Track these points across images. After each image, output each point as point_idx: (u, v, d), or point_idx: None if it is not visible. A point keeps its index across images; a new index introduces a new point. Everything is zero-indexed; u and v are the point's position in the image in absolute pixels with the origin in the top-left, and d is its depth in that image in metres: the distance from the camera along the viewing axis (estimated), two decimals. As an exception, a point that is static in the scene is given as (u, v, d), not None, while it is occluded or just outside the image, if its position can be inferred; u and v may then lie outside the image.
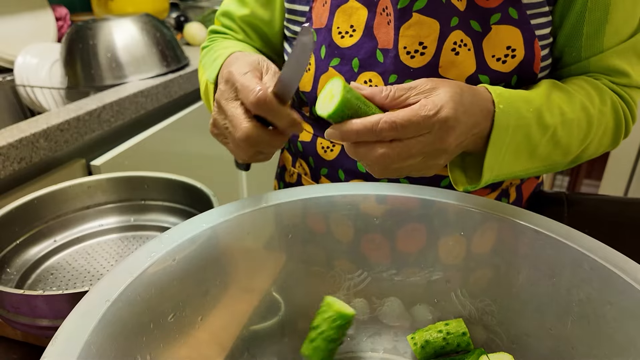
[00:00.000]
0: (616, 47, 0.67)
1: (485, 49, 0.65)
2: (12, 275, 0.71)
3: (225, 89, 0.58)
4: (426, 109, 0.49)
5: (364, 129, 0.49)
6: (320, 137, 0.78)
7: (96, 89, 1.43)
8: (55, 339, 0.39)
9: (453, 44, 0.65)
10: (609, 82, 0.68)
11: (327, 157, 0.78)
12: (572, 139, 0.63)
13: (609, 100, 0.67)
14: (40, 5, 1.68)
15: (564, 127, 0.61)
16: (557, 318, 0.53)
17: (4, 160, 0.96)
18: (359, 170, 0.75)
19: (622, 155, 1.77)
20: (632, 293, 0.46)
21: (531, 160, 0.62)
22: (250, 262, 0.60)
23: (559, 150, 0.63)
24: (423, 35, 0.65)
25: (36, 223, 0.77)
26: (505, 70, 0.66)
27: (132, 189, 0.84)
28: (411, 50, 0.66)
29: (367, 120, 0.49)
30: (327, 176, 0.79)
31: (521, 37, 0.64)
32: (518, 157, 0.60)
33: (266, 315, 0.61)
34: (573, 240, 0.52)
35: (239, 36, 0.84)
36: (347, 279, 0.63)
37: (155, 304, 0.48)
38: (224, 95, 0.58)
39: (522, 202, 0.81)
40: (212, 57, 0.74)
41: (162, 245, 0.51)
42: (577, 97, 0.64)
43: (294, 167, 0.86)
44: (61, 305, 0.56)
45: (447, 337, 0.58)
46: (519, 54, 0.65)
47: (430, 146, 0.51)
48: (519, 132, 0.58)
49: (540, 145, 0.60)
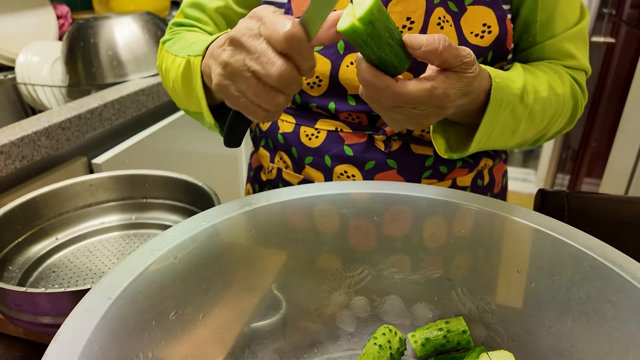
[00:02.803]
0: (566, 32, 0.74)
1: (464, 26, 0.70)
2: (14, 272, 0.71)
3: (248, 24, 0.50)
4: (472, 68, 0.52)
5: (421, 94, 0.50)
6: (303, 125, 0.78)
7: (97, 87, 1.43)
8: (57, 336, 0.39)
9: (438, 18, 0.69)
10: (563, 67, 0.74)
11: (312, 145, 0.78)
12: (545, 116, 0.69)
13: (568, 82, 0.73)
14: (41, 3, 1.68)
15: (539, 105, 0.66)
16: (557, 316, 0.53)
17: (5, 159, 0.96)
18: (346, 154, 0.76)
19: (623, 154, 1.77)
20: (631, 291, 0.46)
21: (513, 135, 0.66)
22: (251, 260, 0.61)
23: (534, 126, 0.68)
24: (410, 10, 0.68)
25: (38, 221, 0.77)
26: (484, 45, 0.70)
27: (134, 187, 0.84)
28: (399, 26, 0.69)
29: (409, 89, 0.50)
30: (312, 164, 0.79)
31: (494, 15, 0.70)
32: (504, 131, 0.64)
33: (267, 313, 0.61)
34: (573, 239, 0.52)
35: (207, 28, 0.82)
36: (348, 277, 0.64)
37: (157, 302, 0.49)
38: (247, 31, 0.49)
39: (495, 184, 0.85)
40: (186, 42, 0.72)
41: (163, 243, 0.51)
42: (544, 78, 0.69)
43: (273, 163, 0.85)
44: (63, 303, 0.56)
45: (448, 335, 0.59)
46: (494, 30, 0.70)
47: (463, 88, 0.53)
48: (509, 107, 0.61)
49: (522, 121, 0.65)
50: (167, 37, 0.81)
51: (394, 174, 0.75)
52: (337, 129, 0.76)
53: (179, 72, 0.70)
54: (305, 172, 0.80)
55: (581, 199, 0.77)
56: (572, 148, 2.60)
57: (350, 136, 0.76)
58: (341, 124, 0.76)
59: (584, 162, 2.32)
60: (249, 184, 0.96)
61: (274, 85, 0.48)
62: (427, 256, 0.62)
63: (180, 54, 0.70)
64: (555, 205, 0.76)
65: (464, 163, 0.78)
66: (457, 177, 0.78)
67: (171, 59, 0.73)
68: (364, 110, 0.73)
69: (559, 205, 0.76)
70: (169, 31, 0.83)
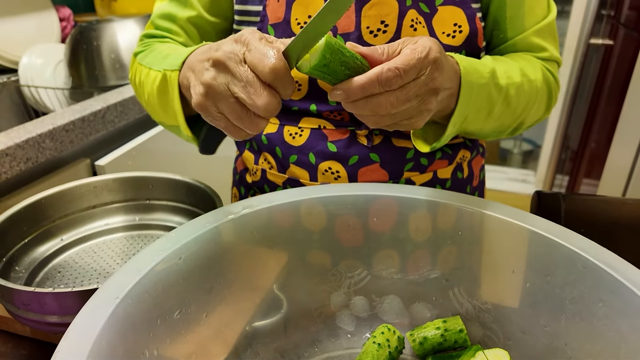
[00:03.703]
0: (534, 27, 0.76)
1: (436, 27, 0.72)
2: (20, 273, 0.73)
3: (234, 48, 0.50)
4: (418, 51, 0.51)
5: (368, 82, 0.50)
6: (286, 125, 0.80)
7: (100, 89, 1.44)
8: (67, 334, 0.40)
9: (411, 20, 0.71)
10: (534, 56, 0.77)
11: (296, 143, 0.79)
12: (520, 101, 0.71)
13: (540, 70, 0.75)
14: (44, 6, 1.70)
15: (513, 89, 0.68)
16: (551, 315, 0.55)
17: (11, 161, 0.97)
18: (330, 150, 0.77)
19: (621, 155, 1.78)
20: (623, 291, 0.48)
21: (487, 119, 0.68)
22: (253, 260, 0.62)
23: (510, 111, 0.70)
24: (384, 13, 0.70)
25: (44, 222, 0.78)
26: (456, 44, 0.72)
27: (138, 189, 0.86)
28: (374, 30, 0.71)
29: (372, 73, 0.50)
30: (296, 163, 0.80)
31: (464, 15, 0.72)
32: (479, 114, 0.66)
33: (269, 313, 0.62)
34: (567, 240, 0.53)
35: (179, 39, 0.81)
36: (348, 277, 0.65)
37: (162, 301, 0.50)
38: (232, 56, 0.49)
39: (474, 178, 0.88)
40: (160, 54, 0.71)
41: (168, 244, 0.52)
42: (516, 65, 0.72)
43: (257, 165, 0.86)
44: (70, 302, 0.58)
45: (445, 334, 0.60)
46: (465, 29, 0.72)
47: (425, 86, 0.53)
48: (482, 90, 0.64)
49: (497, 104, 0.67)
50: (138, 49, 0.80)
51: (377, 167, 0.77)
52: (320, 126, 0.77)
53: (154, 86, 0.70)
54: (289, 171, 0.81)
55: (577, 200, 0.78)
56: (571, 149, 2.61)
57: (333, 133, 0.77)
58: (324, 121, 0.77)
59: (583, 163, 2.33)
60: (235, 188, 0.96)
61: (257, 113, 0.49)
62: (425, 257, 0.63)
63: (154, 67, 0.70)
64: (551, 206, 0.77)
65: (443, 154, 0.80)
66: (438, 170, 0.80)
67: (145, 72, 0.73)
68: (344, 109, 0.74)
69: (555, 207, 0.77)
70: (140, 43, 0.82)
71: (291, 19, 0.73)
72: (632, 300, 0.47)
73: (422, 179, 0.79)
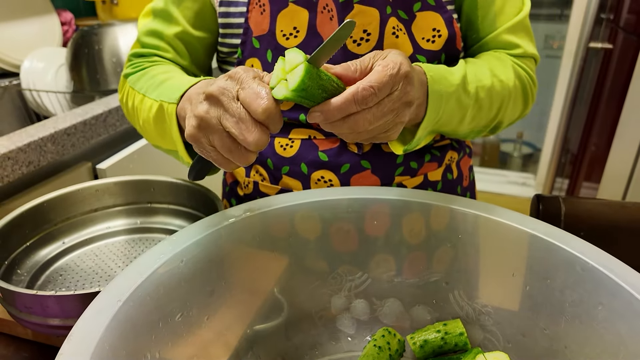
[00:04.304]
0: (506, 25, 0.77)
1: (415, 33, 0.73)
2: (22, 276, 0.73)
3: (227, 84, 0.52)
4: (389, 67, 0.52)
5: (345, 102, 0.51)
6: (277, 136, 0.80)
7: (101, 93, 1.45)
8: (70, 336, 0.41)
9: (392, 28, 0.72)
10: (507, 55, 0.78)
11: (287, 154, 0.79)
12: (493, 103, 0.71)
13: (511, 67, 0.75)
14: (45, 10, 1.70)
15: (483, 92, 0.69)
16: (551, 318, 0.55)
17: (13, 164, 0.98)
18: (321, 159, 0.77)
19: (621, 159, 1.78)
20: (622, 294, 0.48)
21: (461, 123, 0.69)
22: (254, 263, 0.62)
23: (482, 114, 0.71)
24: (366, 23, 0.71)
25: (46, 225, 0.79)
26: (436, 48, 0.74)
27: (139, 192, 0.86)
28: (357, 39, 0.72)
29: (347, 93, 0.51)
30: (289, 174, 0.80)
31: (442, 19, 0.73)
32: (451, 119, 0.67)
33: (270, 316, 0.63)
34: (566, 243, 0.54)
35: (167, 55, 0.81)
36: (348, 280, 0.65)
37: (164, 304, 0.50)
38: (225, 92, 0.51)
39: (463, 178, 0.89)
40: (154, 80, 0.72)
41: (170, 247, 0.53)
42: (486, 66, 0.72)
43: (249, 177, 0.86)
44: (72, 305, 0.58)
45: (445, 337, 0.60)
46: (444, 33, 0.74)
47: (399, 101, 0.54)
48: (451, 97, 0.64)
49: (468, 108, 0.68)
50: (128, 70, 0.80)
51: (368, 174, 0.77)
52: (310, 136, 0.78)
53: (150, 115, 0.70)
54: (282, 182, 0.81)
55: (576, 203, 0.79)
56: (570, 152, 2.61)
57: (323, 142, 0.78)
58: (314, 131, 0.78)
59: (583, 166, 2.33)
60: (225, 200, 0.95)
61: (247, 148, 0.51)
62: (425, 260, 0.64)
63: (149, 94, 0.71)
64: (551, 210, 0.77)
65: (432, 156, 0.81)
66: (428, 173, 0.81)
67: (139, 98, 0.74)
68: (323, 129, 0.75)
69: (555, 210, 0.77)
70: (129, 64, 0.81)
71: (276, 31, 0.74)
72: (632, 303, 0.47)
73: (413, 183, 0.80)
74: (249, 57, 0.77)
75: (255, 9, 0.75)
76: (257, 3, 0.74)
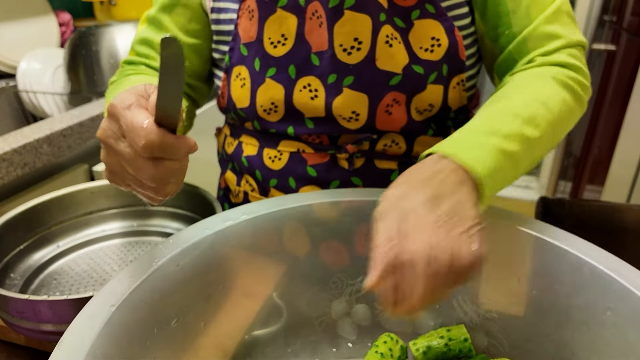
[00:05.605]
0: (544, 15, 0.68)
1: (412, 41, 0.69)
2: (15, 280, 0.71)
3: (110, 125, 0.48)
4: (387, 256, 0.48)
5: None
6: (266, 147, 0.78)
7: (99, 94, 1.44)
8: (61, 342, 0.39)
9: (386, 36, 0.68)
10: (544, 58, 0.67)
11: (275, 167, 0.77)
12: (545, 138, 0.59)
13: (551, 79, 0.64)
14: (43, 10, 1.69)
15: (537, 144, 0.58)
16: (558, 324, 0.54)
17: (7, 166, 0.96)
18: (310, 175, 0.75)
19: (625, 161, 1.77)
20: (631, 299, 0.47)
21: (516, 173, 0.57)
22: (252, 267, 0.61)
23: (538, 153, 0.59)
24: (357, 30, 0.68)
25: (40, 228, 0.77)
26: (435, 58, 0.69)
27: (135, 195, 0.85)
28: (347, 47, 0.68)
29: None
30: (277, 187, 0.78)
31: (442, 28, 0.69)
32: (506, 179, 0.55)
33: (268, 321, 0.61)
34: (573, 247, 0.52)
35: (156, 64, 0.79)
36: (349, 284, 0.64)
37: (159, 309, 0.49)
38: (111, 134, 0.48)
39: None
40: (116, 91, 0.69)
41: (166, 250, 0.51)
42: (527, 110, 0.59)
43: (239, 186, 0.84)
44: (65, 310, 0.57)
45: (449, 343, 0.59)
46: (444, 43, 0.69)
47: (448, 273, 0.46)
48: (506, 178, 0.55)
49: (521, 162, 0.57)
50: (114, 77, 0.79)
51: None
52: (300, 150, 0.76)
53: None
54: (270, 194, 0.79)
55: (582, 206, 0.78)
56: (574, 155, 2.61)
57: (312, 156, 0.75)
58: (303, 144, 0.76)
59: (586, 169, 2.32)
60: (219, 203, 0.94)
61: (153, 185, 0.48)
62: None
63: (108, 101, 0.68)
64: (557, 212, 0.76)
65: None
66: None
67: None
68: (322, 132, 0.73)
69: (560, 213, 0.76)
70: (118, 71, 0.80)
71: (264, 38, 0.72)
72: (642, 308, 0.45)
73: None
74: (237, 64, 0.75)
75: (244, 14, 0.73)
76: (247, 9, 0.73)
